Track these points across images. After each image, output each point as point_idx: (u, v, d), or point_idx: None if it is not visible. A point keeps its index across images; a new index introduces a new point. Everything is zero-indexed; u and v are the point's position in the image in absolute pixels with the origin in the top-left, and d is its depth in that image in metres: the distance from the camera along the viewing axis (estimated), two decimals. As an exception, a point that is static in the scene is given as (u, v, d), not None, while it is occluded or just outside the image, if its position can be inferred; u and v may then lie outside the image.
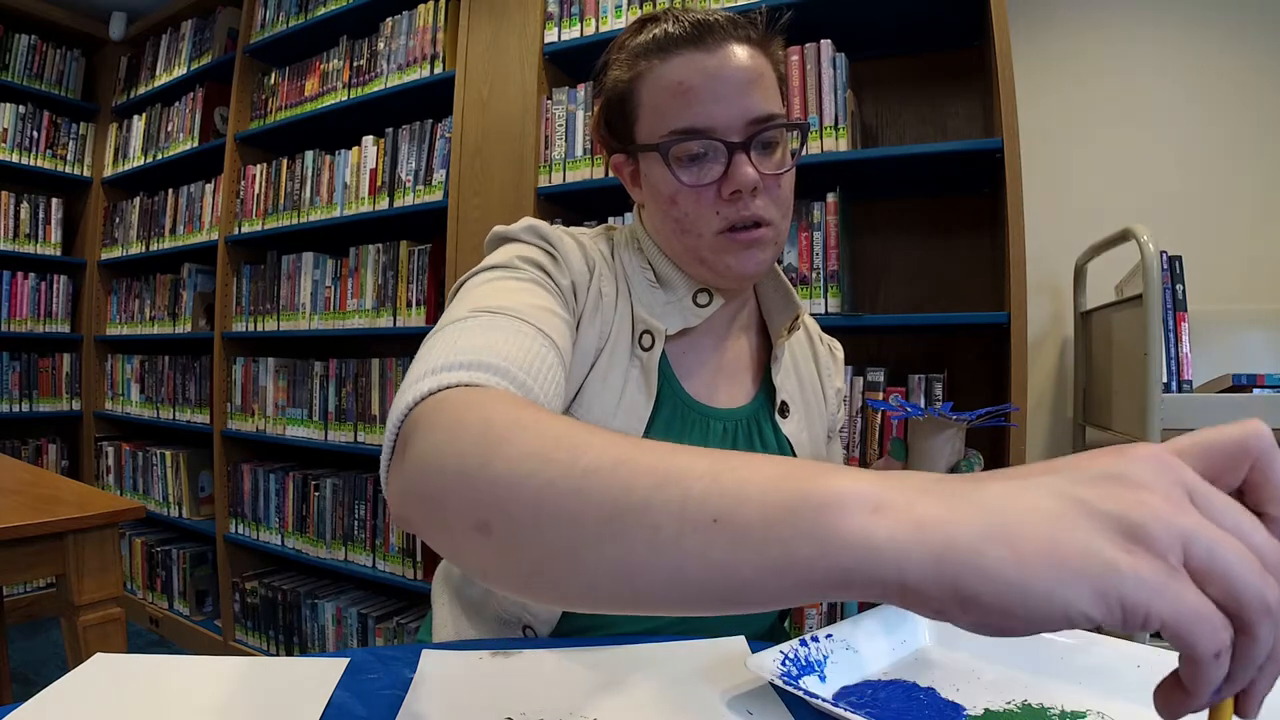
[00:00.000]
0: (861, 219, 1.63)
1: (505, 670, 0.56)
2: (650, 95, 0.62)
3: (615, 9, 1.65)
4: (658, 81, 0.61)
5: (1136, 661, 0.52)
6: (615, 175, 0.69)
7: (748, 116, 0.60)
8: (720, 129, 0.60)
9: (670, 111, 0.60)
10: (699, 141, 0.60)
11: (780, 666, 0.51)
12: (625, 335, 0.64)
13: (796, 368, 0.76)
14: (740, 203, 0.61)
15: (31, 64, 2.83)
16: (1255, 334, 1.45)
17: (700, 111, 0.60)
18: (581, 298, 0.62)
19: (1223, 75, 1.55)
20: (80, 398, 2.94)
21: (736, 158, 0.60)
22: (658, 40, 0.62)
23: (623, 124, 0.65)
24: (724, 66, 0.60)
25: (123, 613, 1.18)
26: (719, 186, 0.61)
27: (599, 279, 0.64)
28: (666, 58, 0.61)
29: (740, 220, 0.61)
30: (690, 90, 0.60)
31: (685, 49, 0.60)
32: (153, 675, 0.52)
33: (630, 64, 0.63)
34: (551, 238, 0.63)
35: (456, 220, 1.82)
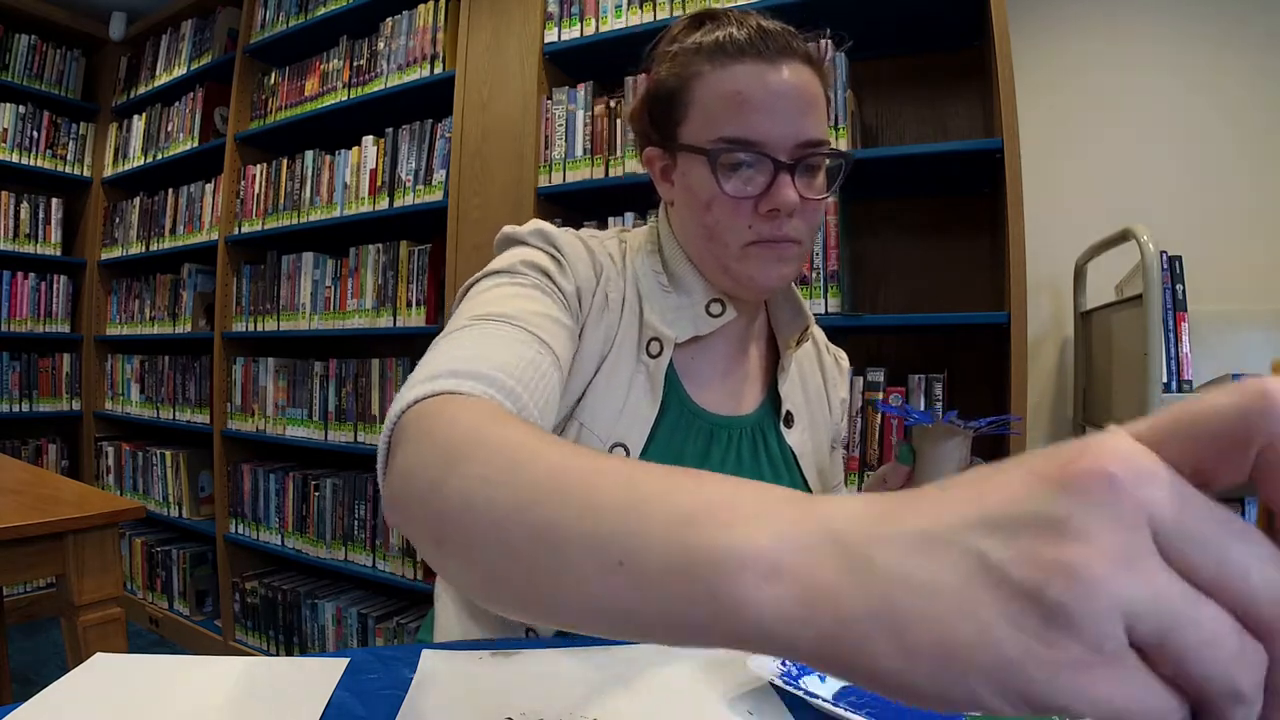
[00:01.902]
0: (861, 219, 1.63)
1: (505, 670, 0.56)
2: (704, 97, 0.61)
3: (615, 9, 1.65)
4: (715, 85, 0.61)
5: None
6: (646, 168, 0.69)
7: (799, 138, 0.60)
8: (771, 145, 0.60)
9: (724, 118, 0.60)
10: (748, 153, 0.60)
11: (780, 666, 0.51)
12: (632, 340, 0.64)
13: (804, 379, 0.76)
14: (775, 221, 0.61)
15: (31, 64, 2.83)
16: (1255, 334, 1.45)
17: (755, 124, 0.59)
18: (586, 303, 0.62)
19: (1223, 75, 1.55)
20: (80, 398, 2.94)
21: (781, 177, 0.60)
22: (720, 43, 0.61)
23: (667, 120, 0.64)
24: (785, 84, 0.59)
25: (123, 613, 1.18)
26: (757, 201, 0.61)
27: (605, 283, 0.64)
28: (727, 63, 0.60)
29: (772, 237, 0.62)
30: (748, 101, 0.59)
31: (748, 58, 0.60)
32: (153, 675, 0.52)
33: (686, 61, 0.62)
34: (558, 242, 0.62)
35: (456, 220, 1.82)
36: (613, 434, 0.61)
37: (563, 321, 0.57)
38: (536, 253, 0.61)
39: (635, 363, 0.64)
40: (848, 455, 1.39)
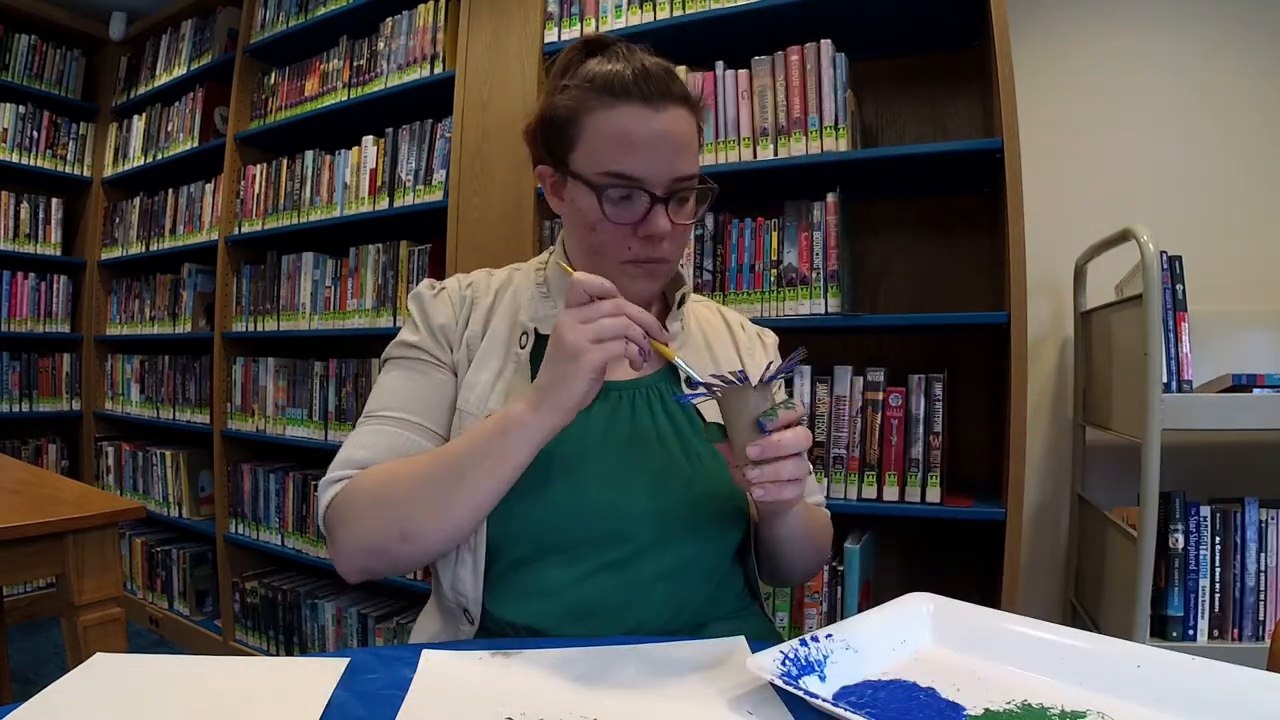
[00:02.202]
0: (861, 219, 1.63)
1: (505, 670, 0.56)
2: (593, 132, 0.69)
3: (615, 9, 1.65)
4: (603, 123, 0.68)
5: (1136, 661, 0.52)
6: (539, 181, 0.77)
7: (674, 175, 0.69)
8: (649, 181, 0.68)
9: (609, 155, 0.68)
10: (630, 187, 0.68)
11: (780, 666, 0.51)
12: (502, 339, 0.77)
13: (710, 349, 0.84)
14: (650, 243, 0.71)
15: (31, 64, 2.83)
16: (1255, 334, 1.45)
17: (637, 164, 0.68)
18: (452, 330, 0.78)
19: (1223, 75, 1.55)
20: (80, 398, 2.94)
21: (656, 208, 0.69)
22: (608, 81, 0.68)
23: (559, 145, 0.72)
24: (666, 129, 0.68)
25: (123, 613, 1.18)
26: (635, 226, 0.70)
27: (470, 308, 0.79)
28: (615, 104, 0.68)
29: (647, 258, 0.71)
30: (633, 144, 0.68)
31: (634, 101, 0.67)
32: (153, 675, 0.53)
33: (578, 95, 0.69)
34: (424, 303, 0.79)
35: (456, 220, 1.82)
36: (484, 409, 0.73)
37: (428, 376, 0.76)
38: (407, 327, 0.79)
39: (506, 356, 0.76)
40: (848, 455, 1.39)
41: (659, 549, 0.69)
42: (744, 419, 0.59)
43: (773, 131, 1.48)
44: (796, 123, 1.45)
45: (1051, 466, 1.65)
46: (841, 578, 1.39)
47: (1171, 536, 1.21)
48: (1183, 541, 1.22)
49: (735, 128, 1.51)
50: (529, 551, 0.69)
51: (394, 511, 0.66)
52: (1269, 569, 1.20)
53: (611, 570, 0.68)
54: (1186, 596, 1.21)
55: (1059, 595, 1.64)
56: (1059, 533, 1.63)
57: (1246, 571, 1.21)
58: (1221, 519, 1.22)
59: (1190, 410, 1.16)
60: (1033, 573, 1.65)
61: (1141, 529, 1.15)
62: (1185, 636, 1.21)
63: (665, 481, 0.71)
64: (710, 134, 1.53)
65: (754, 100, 1.49)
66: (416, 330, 0.78)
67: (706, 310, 0.89)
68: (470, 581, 0.69)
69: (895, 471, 1.35)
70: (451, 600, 0.71)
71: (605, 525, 0.68)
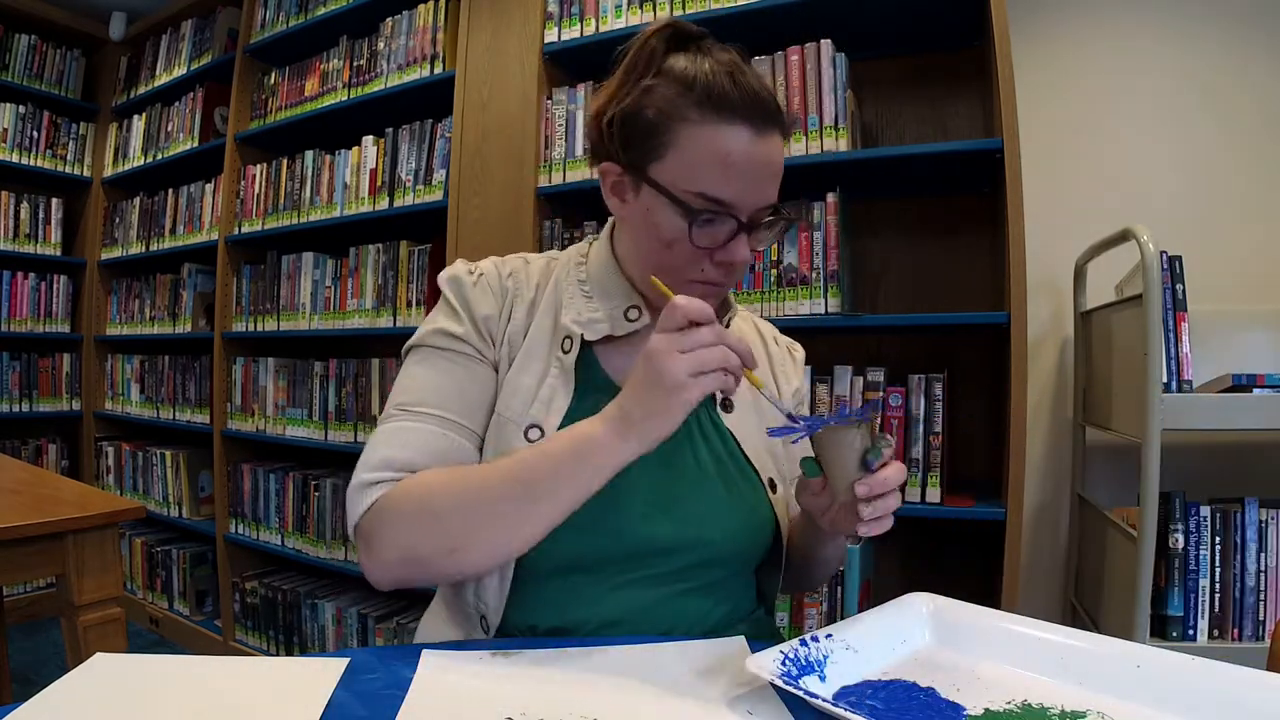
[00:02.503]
0: (861, 219, 1.63)
1: (505, 670, 0.56)
2: (689, 146, 0.64)
3: (615, 9, 1.65)
4: (701, 137, 0.63)
5: (1136, 661, 0.52)
6: (598, 176, 0.72)
7: (763, 203, 0.66)
8: (739, 208, 0.65)
9: (705, 176, 0.64)
10: (719, 213, 0.65)
11: (780, 666, 0.51)
12: (545, 341, 0.72)
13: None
14: (725, 269, 0.68)
15: (31, 64, 2.83)
16: (1255, 334, 1.45)
17: (733, 190, 0.64)
18: (495, 325, 0.72)
19: (1223, 75, 1.55)
20: (80, 398, 2.94)
21: (740, 236, 0.66)
22: (710, 93, 0.63)
23: (642, 147, 0.66)
24: (767, 158, 0.65)
25: (123, 613, 1.18)
26: (713, 251, 0.66)
27: (511, 302, 0.73)
28: (717, 121, 0.63)
29: (718, 281, 0.68)
30: (734, 168, 0.63)
31: (740, 122, 0.63)
32: (153, 675, 0.52)
33: (672, 99, 0.64)
34: (464, 289, 0.73)
35: (456, 220, 1.82)
36: (525, 418, 0.69)
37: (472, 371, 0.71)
38: (443, 312, 0.73)
39: (549, 359, 0.71)
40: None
41: (694, 570, 0.69)
42: (848, 456, 0.59)
43: (773, 131, 1.47)
44: (796, 123, 1.45)
45: (1051, 466, 1.65)
46: (841, 578, 1.39)
47: (1171, 536, 1.21)
48: (1183, 541, 1.22)
49: (735, 128, 1.51)
50: (560, 566, 0.67)
51: (447, 525, 0.61)
52: (1269, 569, 1.20)
53: (642, 586, 0.67)
54: (1186, 596, 1.21)
55: (1059, 595, 1.64)
56: (1059, 533, 1.63)
57: (1246, 571, 1.21)
58: (1221, 519, 1.22)
59: (1190, 410, 1.16)
60: (1033, 573, 1.65)
61: (1141, 529, 1.15)
62: (1185, 636, 1.21)
63: (703, 504, 0.70)
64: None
65: (754, 100, 1.49)
66: (458, 319, 0.72)
67: (742, 322, 0.85)
68: (495, 591, 0.67)
69: (895, 471, 1.35)
70: (471, 606, 0.69)
71: (640, 546, 0.67)
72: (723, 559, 0.71)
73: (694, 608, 0.69)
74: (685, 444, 0.72)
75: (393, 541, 0.63)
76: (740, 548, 0.72)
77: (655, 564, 0.68)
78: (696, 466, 0.72)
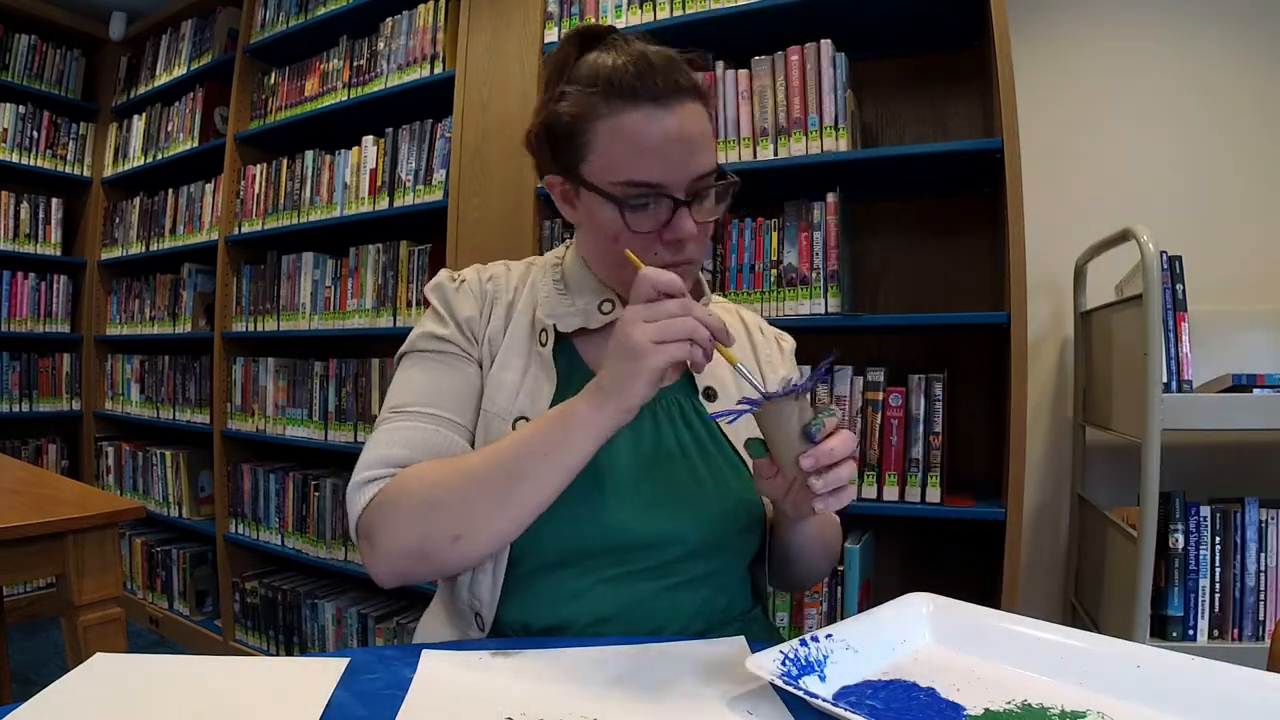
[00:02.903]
0: (861, 219, 1.63)
1: (505, 670, 0.56)
2: (604, 141, 0.66)
3: (615, 9, 1.65)
4: (614, 130, 0.65)
5: (1136, 661, 0.52)
6: (547, 189, 0.74)
7: (695, 174, 0.67)
8: (670, 184, 0.66)
9: (625, 163, 0.65)
10: (650, 195, 0.66)
11: (780, 666, 0.51)
12: (524, 335, 0.75)
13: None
14: (676, 247, 0.68)
15: (31, 64, 2.83)
16: (1255, 334, 1.45)
17: (656, 169, 0.65)
18: (477, 324, 0.75)
19: (1223, 75, 1.55)
20: (80, 398, 2.94)
21: (680, 211, 0.67)
22: (612, 83, 0.65)
23: (567, 154, 0.69)
24: (680, 129, 0.65)
25: (123, 613, 1.18)
26: (660, 232, 0.67)
27: (491, 304, 0.77)
28: (623, 108, 0.65)
29: (673, 262, 0.68)
30: (648, 149, 0.65)
31: (643, 103, 0.64)
32: (153, 675, 0.52)
33: (582, 100, 0.66)
34: (447, 295, 0.76)
35: (456, 220, 1.82)
36: (512, 411, 0.71)
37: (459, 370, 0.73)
38: (430, 318, 0.76)
39: (529, 354, 0.74)
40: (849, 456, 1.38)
41: (683, 562, 0.69)
42: (789, 432, 0.58)
43: (773, 131, 1.48)
44: (796, 123, 1.45)
45: (1051, 466, 1.65)
46: (841, 578, 1.39)
47: (1171, 536, 1.21)
48: (1183, 541, 1.22)
49: (735, 128, 1.51)
50: (550, 561, 0.68)
51: (445, 513, 0.63)
52: (1269, 569, 1.20)
53: (632, 580, 0.68)
54: (1186, 596, 1.21)
55: (1059, 595, 1.64)
56: (1059, 533, 1.63)
57: (1246, 571, 1.21)
58: (1221, 519, 1.22)
59: (1190, 410, 1.16)
60: (1033, 573, 1.65)
61: (1141, 529, 1.15)
62: (1185, 636, 1.21)
63: (688, 495, 0.70)
64: (710, 134, 1.53)
65: (754, 100, 1.49)
66: (443, 322, 0.75)
67: (725, 313, 0.86)
68: (488, 587, 0.68)
69: (895, 471, 1.35)
70: (465, 604, 0.70)
71: (628, 539, 0.67)
72: (710, 551, 0.70)
73: (686, 602, 0.69)
74: (669, 434, 0.73)
75: (394, 535, 0.64)
76: (727, 539, 0.71)
77: (642, 558, 0.68)
78: (681, 456, 0.72)
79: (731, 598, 0.74)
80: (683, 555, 0.69)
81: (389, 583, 0.66)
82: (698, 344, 0.58)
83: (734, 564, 0.74)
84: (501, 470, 0.62)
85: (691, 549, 0.69)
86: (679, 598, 0.69)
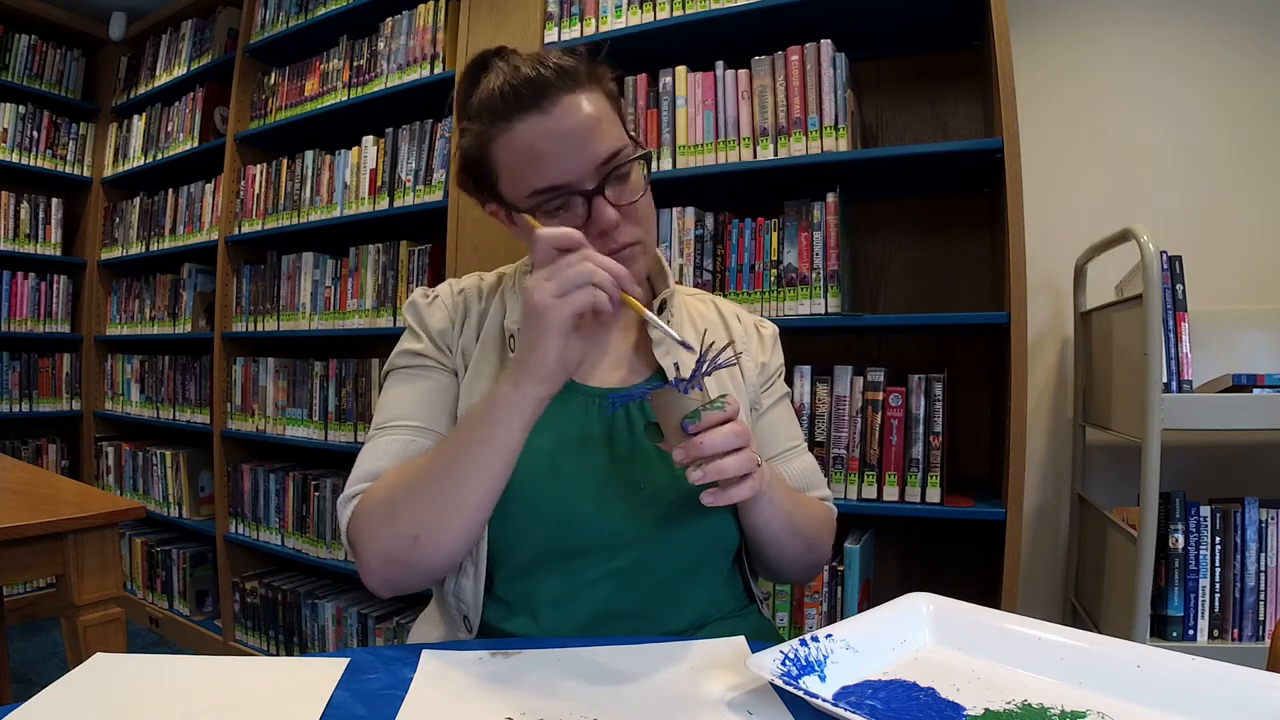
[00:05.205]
0: (861, 219, 1.63)
1: (505, 670, 0.56)
2: (504, 159, 0.68)
3: (615, 9, 1.65)
4: (507, 147, 0.67)
5: (1137, 661, 0.52)
6: (494, 219, 0.76)
7: (595, 161, 0.66)
8: (574, 181, 0.65)
9: (525, 175, 0.66)
10: (559, 197, 0.66)
11: (780, 666, 0.51)
12: (494, 346, 0.75)
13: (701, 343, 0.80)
14: (608, 237, 0.67)
15: (31, 64, 2.83)
16: (1255, 334, 1.45)
17: (553, 171, 0.65)
18: (450, 336, 0.77)
19: (1224, 75, 1.55)
20: (80, 398, 2.94)
21: (595, 202, 0.66)
22: (494, 103, 0.66)
23: (485, 181, 0.71)
24: (564, 123, 0.64)
25: (123, 613, 1.18)
26: (585, 228, 0.66)
27: (464, 315, 0.78)
28: (510, 124, 0.66)
29: (615, 251, 0.67)
30: (539, 154, 0.65)
31: (526, 113, 0.65)
32: (153, 675, 0.53)
33: (478, 130, 0.69)
34: (420, 311, 0.78)
35: (456, 220, 1.82)
36: None
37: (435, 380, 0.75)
38: (407, 336, 0.78)
39: (500, 362, 0.74)
40: (848, 455, 1.39)
41: (659, 556, 0.69)
42: (672, 421, 0.57)
43: (773, 131, 1.48)
44: (796, 123, 1.45)
45: (1051, 466, 1.65)
46: (841, 578, 1.39)
47: (1171, 536, 1.21)
48: (1183, 541, 1.22)
49: (735, 128, 1.51)
50: (529, 561, 0.68)
51: (404, 515, 0.64)
52: (1269, 569, 1.20)
53: (613, 579, 0.67)
54: (1186, 596, 1.21)
55: (1059, 595, 1.64)
56: (1059, 533, 1.63)
57: (1246, 571, 1.21)
58: (1221, 519, 1.22)
59: (1190, 410, 1.16)
60: (1033, 573, 1.65)
61: (1141, 529, 1.15)
62: (1185, 636, 1.21)
63: (663, 489, 0.70)
64: (710, 134, 1.53)
65: (754, 100, 1.49)
66: (418, 338, 0.77)
67: (699, 304, 0.85)
68: (471, 590, 0.69)
69: (895, 471, 1.35)
70: (453, 607, 0.71)
71: (605, 535, 0.67)
72: (689, 547, 0.70)
73: (669, 599, 0.69)
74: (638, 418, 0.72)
75: (369, 544, 0.66)
76: (707, 533, 0.70)
77: (619, 555, 0.67)
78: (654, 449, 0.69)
79: (716, 593, 0.73)
80: (659, 552, 0.68)
81: (383, 592, 0.68)
82: (601, 288, 0.56)
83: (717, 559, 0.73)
84: (440, 465, 0.63)
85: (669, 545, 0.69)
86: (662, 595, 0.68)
